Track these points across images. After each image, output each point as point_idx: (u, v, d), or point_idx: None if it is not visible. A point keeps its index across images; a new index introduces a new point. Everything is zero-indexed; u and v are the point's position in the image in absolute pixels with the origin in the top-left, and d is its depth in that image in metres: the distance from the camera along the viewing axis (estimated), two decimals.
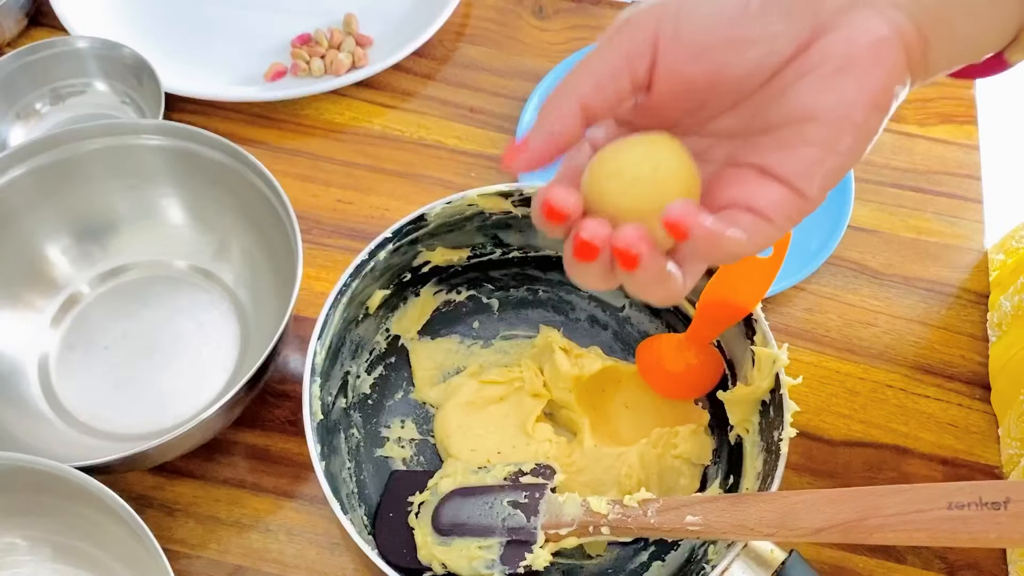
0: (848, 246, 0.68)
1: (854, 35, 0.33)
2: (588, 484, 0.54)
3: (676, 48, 0.34)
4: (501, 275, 0.61)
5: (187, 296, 0.64)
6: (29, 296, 0.63)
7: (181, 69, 0.74)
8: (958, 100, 0.75)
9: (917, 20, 0.33)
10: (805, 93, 0.33)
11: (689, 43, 0.34)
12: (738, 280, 0.50)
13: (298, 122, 0.74)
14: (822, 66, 0.33)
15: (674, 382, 0.55)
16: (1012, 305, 0.61)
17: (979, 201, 0.71)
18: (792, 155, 0.34)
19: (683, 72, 0.34)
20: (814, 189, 0.34)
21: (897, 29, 0.33)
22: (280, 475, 0.59)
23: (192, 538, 0.57)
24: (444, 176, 0.71)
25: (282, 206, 0.57)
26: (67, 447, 0.58)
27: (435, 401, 0.59)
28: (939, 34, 0.34)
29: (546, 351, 0.58)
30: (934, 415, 0.63)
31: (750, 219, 0.34)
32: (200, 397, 0.60)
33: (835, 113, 0.33)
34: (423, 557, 0.50)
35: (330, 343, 0.52)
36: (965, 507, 0.38)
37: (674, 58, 0.34)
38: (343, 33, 0.76)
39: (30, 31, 0.78)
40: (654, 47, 0.34)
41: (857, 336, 0.65)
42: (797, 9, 0.33)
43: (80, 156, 0.61)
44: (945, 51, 0.35)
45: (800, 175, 0.33)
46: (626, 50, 0.34)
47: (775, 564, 0.45)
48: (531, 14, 0.80)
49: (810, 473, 0.60)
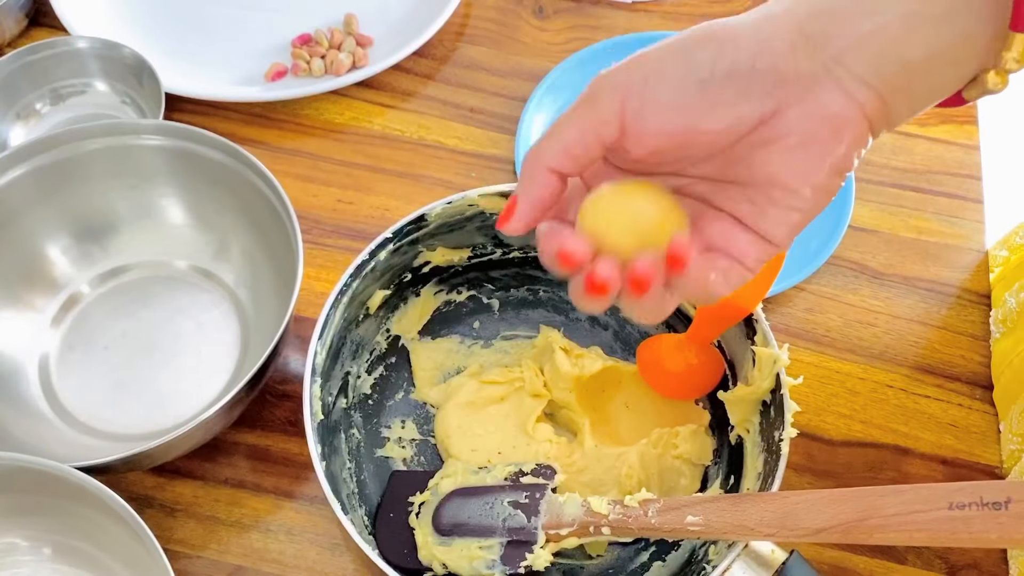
0: (848, 246, 0.68)
1: (814, 111, 0.35)
2: (589, 484, 0.54)
3: (641, 121, 0.36)
4: (501, 275, 0.61)
5: (187, 296, 0.64)
6: (29, 296, 0.63)
7: (181, 69, 0.74)
8: None
9: (876, 87, 0.35)
10: (769, 163, 0.36)
11: (653, 118, 0.36)
12: None
13: (298, 122, 0.74)
14: (785, 138, 0.36)
15: (674, 382, 0.55)
16: (1018, 302, 0.61)
17: (979, 201, 0.71)
18: (761, 212, 0.37)
19: (650, 140, 0.37)
20: (781, 239, 0.37)
21: (857, 100, 0.35)
22: (280, 475, 0.59)
23: (192, 538, 0.57)
24: (444, 176, 0.71)
25: (282, 206, 0.57)
26: (67, 447, 0.58)
27: (435, 401, 0.59)
28: (898, 95, 0.35)
29: (546, 351, 0.58)
30: (934, 415, 0.63)
31: (727, 264, 0.37)
32: (200, 397, 0.60)
33: (799, 181, 0.36)
34: (423, 557, 0.50)
35: (330, 343, 0.52)
36: (966, 507, 0.38)
37: (640, 129, 0.36)
38: (343, 33, 0.76)
39: (30, 31, 0.78)
40: (621, 119, 0.36)
41: (857, 336, 0.65)
42: (758, 85, 0.35)
43: (80, 156, 0.61)
44: (905, 107, 0.36)
45: (769, 229, 0.37)
46: (593, 122, 0.37)
47: (776, 564, 0.45)
48: (531, 14, 0.80)
49: (811, 473, 0.60)
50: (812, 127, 0.35)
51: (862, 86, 0.35)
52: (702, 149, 0.37)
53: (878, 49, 0.34)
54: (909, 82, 0.35)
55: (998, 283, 0.66)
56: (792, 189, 0.36)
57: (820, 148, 0.35)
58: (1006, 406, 0.61)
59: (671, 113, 0.36)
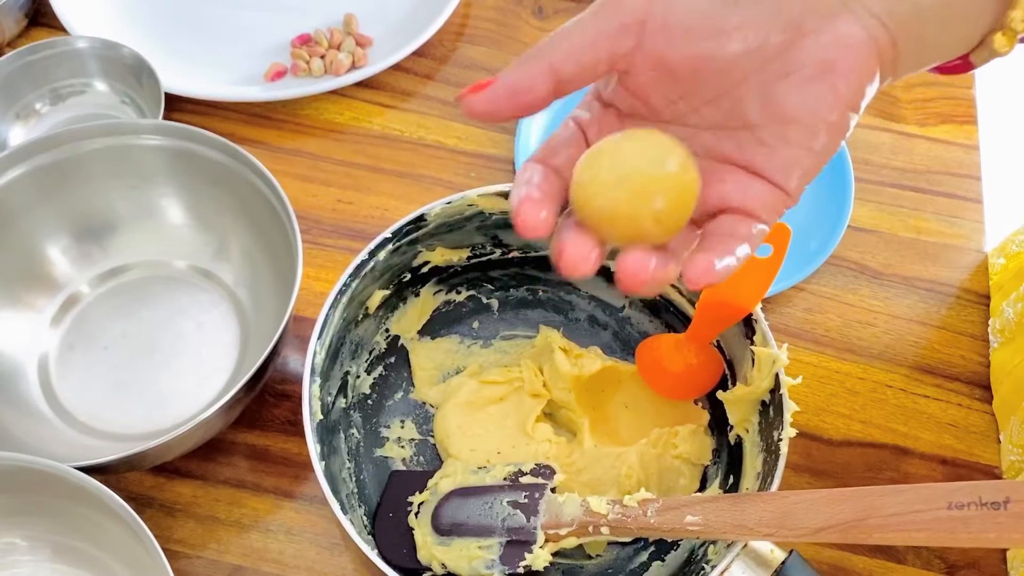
0: (848, 246, 0.68)
1: (833, 40, 0.34)
2: (588, 484, 0.54)
3: (664, 32, 0.35)
4: (501, 275, 0.61)
5: (187, 296, 0.64)
6: (29, 296, 0.63)
7: (181, 69, 0.74)
8: (958, 100, 0.75)
9: (890, 28, 0.35)
10: (785, 95, 0.35)
11: (677, 28, 0.35)
12: (738, 280, 0.50)
13: (298, 122, 0.74)
14: (802, 69, 0.35)
15: (674, 382, 0.55)
16: (1015, 312, 0.61)
17: (979, 201, 0.71)
18: (774, 154, 0.35)
19: (667, 58, 0.35)
20: (794, 185, 0.36)
21: (872, 35, 0.35)
22: (280, 475, 0.59)
23: (192, 538, 0.57)
24: (444, 176, 0.71)
25: (282, 206, 0.57)
26: (67, 447, 0.58)
27: (435, 401, 0.59)
28: (909, 41, 0.35)
29: (546, 351, 0.58)
30: (934, 415, 0.63)
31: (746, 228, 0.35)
32: (200, 397, 0.60)
33: (814, 116, 0.35)
34: (423, 557, 0.50)
35: (330, 343, 0.52)
36: (965, 507, 0.38)
37: (660, 42, 0.35)
38: (343, 33, 0.76)
39: (30, 31, 0.78)
40: (642, 27, 0.35)
41: (857, 336, 0.65)
42: (784, 6, 0.34)
43: (80, 156, 0.61)
44: (914, 56, 0.36)
45: (783, 173, 0.35)
46: (612, 26, 0.35)
47: (775, 564, 0.45)
48: (531, 14, 0.80)
49: (810, 473, 0.60)
50: (829, 57, 0.35)
51: (877, 23, 0.35)
52: (716, 80, 0.36)
53: None
54: (921, 29, 0.35)
55: (995, 292, 0.66)
56: (807, 125, 0.35)
57: (837, 78, 0.35)
58: (1006, 416, 0.61)
59: (696, 26, 0.34)
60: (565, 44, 0.35)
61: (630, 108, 0.38)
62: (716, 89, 0.36)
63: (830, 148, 0.36)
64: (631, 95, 0.37)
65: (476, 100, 0.35)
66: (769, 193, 0.36)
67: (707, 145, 0.37)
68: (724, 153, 0.37)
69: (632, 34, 0.35)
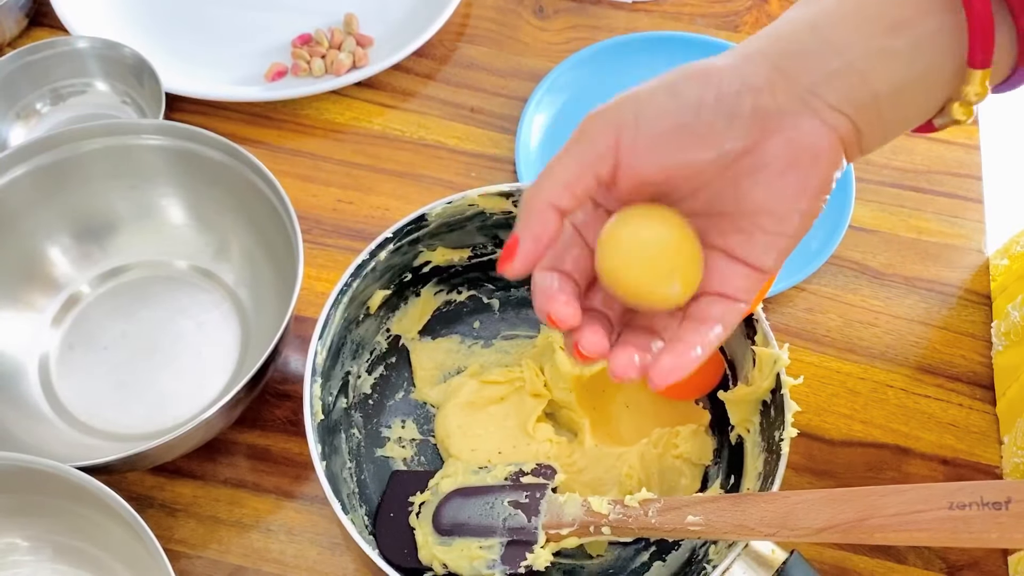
0: (848, 246, 0.68)
1: (796, 137, 0.37)
2: (589, 484, 0.54)
3: (634, 153, 0.38)
4: (501, 275, 0.61)
5: (187, 296, 0.64)
6: (29, 296, 0.63)
7: (181, 69, 0.74)
8: None
9: (850, 115, 0.37)
10: (754, 191, 0.38)
11: (647, 149, 0.38)
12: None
13: (298, 122, 0.74)
14: (769, 166, 0.37)
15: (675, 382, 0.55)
16: (1021, 315, 0.61)
17: (980, 201, 0.71)
18: (751, 240, 0.38)
19: (643, 172, 0.38)
20: (771, 265, 0.39)
21: (834, 127, 0.37)
22: (281, 475, 0.59)
23: (193, 538, 0.57)
24: (444, 176, 0.71)
25: (282, 206, 0.57)
26: (67, 447, 0.58)
27: (436, 401, 0.59)
28: (870, 122, 0.37)
29: (547, 351, 0.58)
30: (935, 415, 0.63)
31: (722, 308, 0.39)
32: (201, 397, 0.60)
33: (785, 207, 0.38)
34: (424, 557, 0.50)
35: (331, 343, 0.52)
36: (966, 507, 0.38)
37: (634, 162, 0.38)
38: (343, 33, 0.76)
39: (30, 31, 0.78)
40: (615, 153, 0.38)
41: (858, 336, 0.65)
42: (742, 116, 0.37)
43: (80, 156, 0.61)
44: (878, 133, 0.38)
45: (758, 257, 0.39)
46: (589, 158, 0.38)
47: (776, 564, 0.45)
48: (531, 14, 0.80)
49: (811, 473, 0.60)
50: (793, 154, 0.37)
51: (837, 115, 0.37)
52: (691, 182, 0.39)
53: (848, 83, 0.36)
54: (879, 112, 0.37)
55: (999, 293, 0.65)
56: (778, 215, 0.38)
57: (802, 173, 0.37)
58: (1010, 419, 0.60)
59: (663, 143, 0.37)
60: (557, 180, 0.38)
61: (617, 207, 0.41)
62: (691, 189, 0.39)
63: (804, 227, 0.39)
64: (617, 200, 0.40)
65: (515, 265, 0.39)
66: (748, 276, 0.39)
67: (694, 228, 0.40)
68: (706, 238, 0.39)
69: (609, 158, 0.38)
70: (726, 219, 0.39)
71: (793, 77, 0.37)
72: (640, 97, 0.38)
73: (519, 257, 0.39)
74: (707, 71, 0.37)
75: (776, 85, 0.37)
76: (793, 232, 0.38)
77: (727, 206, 0.39)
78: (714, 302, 0.39)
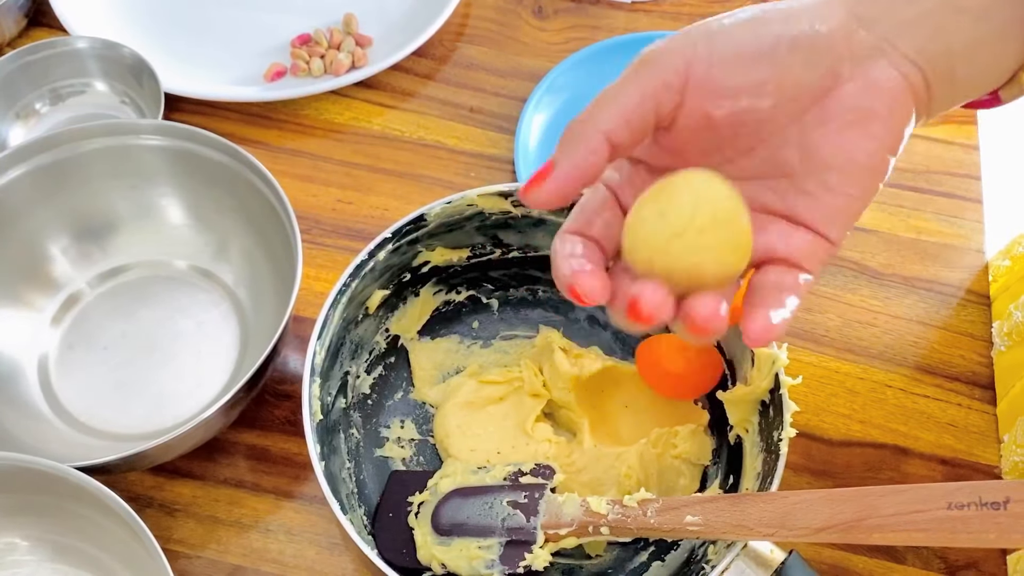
0: (848, 246, 0.68)
1: (870, 86, 0.35)
2: (588, 484, 0.54)
3: (705, 87, 0.34)
4: (501, 275, 0.61)
5: (187, 296, 0.64)
6: (29, 296, 0.63)
7: (181, 69, 0.74)
8: None
9: (923, 68, 0.35)
10: (825, 143, 0.35)
11: (719, 84, 0.34)
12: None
13: (298, 122, 0.74)
14: (841, 116, 0.35)
15: (674, 382, 0.55)
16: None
17: (979, 201, 0.71)
18: (816, 203, 0.35)
19: (708, 111, 0.35)
20: (836, 234, 0.36)
21: (907, 77, 0.35)
22: (280, 475, 0.59)
23: (192, 538, 0.57)
24: (444, 176, 0.71)
25: (282, 206, 0.57)
26: (67, 447, 0.58)
27: (435, 401, 0.59)
28: (942, 79, 0.36)
29: (546, 351, 0.58)
30: (933, 415, 0.63)
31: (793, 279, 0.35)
32: (200, 397, 0.60)
33: (854, 163, 0.35)
34: (423, 557, 0.50)
35: (330, 343, 0.52)
36: (965, 507, 0.38)
37: (702, 97, 0.35)
38: (343, 33, 0.76)
39: (30, 31, 0.78)
40: (684, 84, 0.34)
41: (857, 336, 0.65)
42: (820, 56, 0.35)
43: (80, 156, 0.61)
44: (947, 93, 0.36)
45: (826, 222, 0.35)
46: (654, 84, 0.34)
47: (775, 564, 0.45)
48: (531, 14, 0.80)
49: (809, 473, 0.60)
50: (868, 102, 0.35)
51: (911, 65, 0.35)
52: (756, 132, 0.36)
53: (923, 33, 0.35)
54: (951, 68, 0.35)
55: (1001, 294, 0.65)
56: (847, 171, 0.35)
57: (876, 124, 0.35)
58: (1010, 418, 0.60)
59: (738, 78, 0.34)
60: (613, 110, 0.34)
61: (662, 163, 0.37)
62: (753, 140, 0.36)
63: (870, 193, 0.36)
64: (665, 151, 0.37)
65: (542, 191, 0.34)
66: (812, 242, 0.36)
67: (746, 195, 0.36)
68: (764, 203, 0.37)
69: (675, 91, 0.34)
70: (789, 180, 0.36)
71: (868, 23, 0.35)
72: (712, 29, 0.35)
73: (551, 180, 0.34)
74: (787, 11, 0.35)
75: (852, 30, 0.35)
76: (860, 193, 0.36)
77: (791, 163, 0.36)
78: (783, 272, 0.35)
